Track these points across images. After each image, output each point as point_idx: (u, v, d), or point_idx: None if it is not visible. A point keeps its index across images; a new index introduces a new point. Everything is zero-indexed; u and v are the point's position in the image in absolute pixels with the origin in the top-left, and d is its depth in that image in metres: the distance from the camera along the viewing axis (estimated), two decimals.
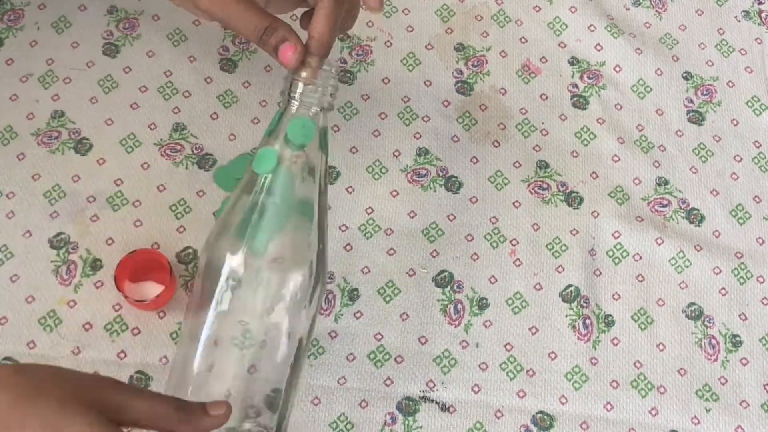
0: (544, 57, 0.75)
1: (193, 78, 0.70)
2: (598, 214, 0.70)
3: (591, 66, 0.75)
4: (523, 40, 0.75)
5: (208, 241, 0.55)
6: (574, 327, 0.66)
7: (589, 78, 0.74)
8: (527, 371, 0.65)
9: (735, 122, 0.75)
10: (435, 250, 0.67)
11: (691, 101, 0.75)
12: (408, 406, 0.63)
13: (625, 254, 0.69)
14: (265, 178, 0.54)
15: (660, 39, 0.77)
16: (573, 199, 0.70)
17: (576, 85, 0.74)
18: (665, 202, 0.71)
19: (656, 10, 0.78)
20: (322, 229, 0.55)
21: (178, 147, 0.68)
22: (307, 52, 0.54)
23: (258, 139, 0.68)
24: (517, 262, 0.68)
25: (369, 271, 0.66)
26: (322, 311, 0.64)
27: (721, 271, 0.69)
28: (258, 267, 0.53)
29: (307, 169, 0.55)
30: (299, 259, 0.54)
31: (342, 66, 0.71)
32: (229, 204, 0.55)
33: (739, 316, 0.68)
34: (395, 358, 0.64)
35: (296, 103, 0.54)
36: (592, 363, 0.65)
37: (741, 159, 0.73)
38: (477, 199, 0.69)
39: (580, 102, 0.74)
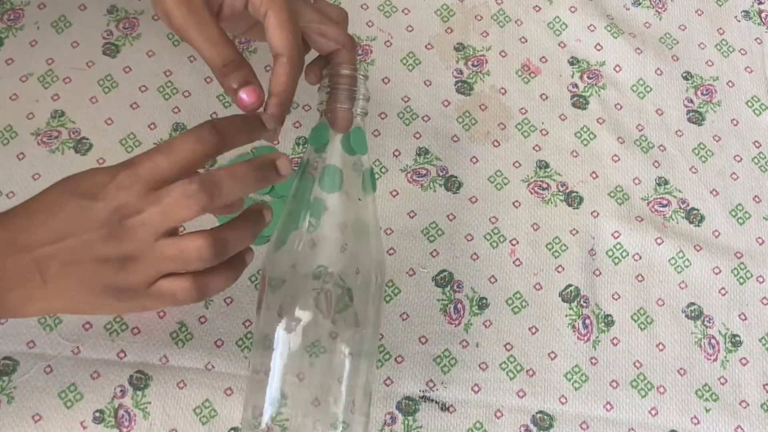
0: (544, 57, 0.75)
1: (193, 78, 0.70)
2: (597, 214, 0.70)
3: (591, 66, 0.75)
4: (523, 39, 0.75)
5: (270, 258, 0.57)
6: (573, 327, 0.66)
7: (589, 78, 0.74)
8: (527, 371, 0.65)
9: (735, 122, 0.75)
10: (435, 249, 0.67)
11: (691, 101, 0.75)
12: (408, 406, 0.63)
13: (624, 254, 0.69)
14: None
15: (660, 39, 0.77)
16: (573, 199, 0.70)
17: (576, 85, 0.74)
18: (665, 202, 0.71)
19: (656, 10, 0.78)
20: (377, 233, 0.58)
21: None
22: (266, 105, 0.55)
23: None
24: (517, 262, 0.68)
25: None
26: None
27: (720, 271, 0.69)
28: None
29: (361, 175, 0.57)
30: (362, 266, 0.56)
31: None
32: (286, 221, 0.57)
33: (739, 316, 0.68)
34: (395, 358, 0.64)
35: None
36: (591, 363, 0.66)
37: (741, 159, 0.73)
38: (477, 199, 0.69)
39: (580, 102, 0.74)
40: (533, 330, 0.66)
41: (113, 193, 0.47)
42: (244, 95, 0.54)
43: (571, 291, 0.67)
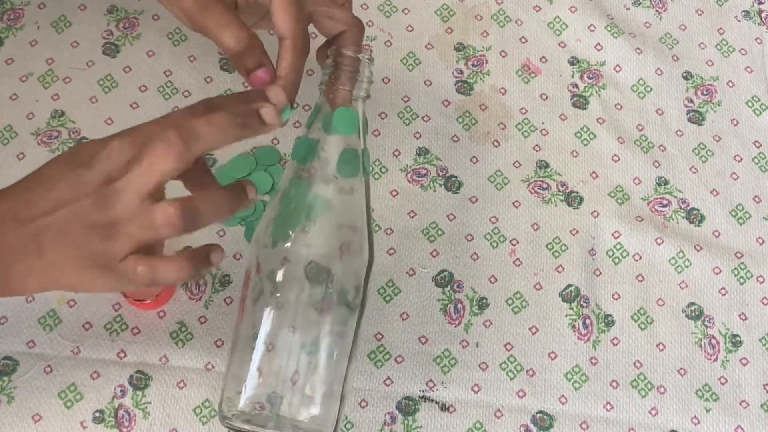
0: (544, 57, 0.75)
1: (193, 78, 0.70)
2: (598, 213, 0.70)
3: (591, 66, 0.75)
4: (523, 39, 0.75)
5: (258, 237, 0.56)
6: (574, 327, 0.66)
7: (589, 78, 0.74)
8: (527, 371, 0.65)
9: (735, 122, 0.75)
10: (435, 249, 0.67)
11: (691, 101, 0.75)
12: (408, 406, 0.63)
13: (625, 254, 0.69)
14: (303, 167, 0.56)
15: (660, 39, 0.77)
16: (573, 199, 0.70)
17: (576, 85, 0.74)
18: (665, 202, 0.71)
19: (656, 10, 0.78)
20: (368, 217, 0.57)
21: None
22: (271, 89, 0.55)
23: (258, 138, 0.68)
24: (517, 262, 0.68)
25: None
26: None
27: (721, 271, 0.69)
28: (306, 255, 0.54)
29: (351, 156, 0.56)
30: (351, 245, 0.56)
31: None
32: (274, 199, 0.56)
33: (739, 316, 0.68)
34: (395, 358, 0.64)
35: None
36: (591, 363, 0.66)
37: (741, 159, 0.73)
38: (477, 199, 0.69)
39: (580, 102, 0.74)
40: (533, 330, 0.66)
41: (105, 159, 0.48)
42: (259, 75, 0.55)
43: (571, 291, 0.67)
